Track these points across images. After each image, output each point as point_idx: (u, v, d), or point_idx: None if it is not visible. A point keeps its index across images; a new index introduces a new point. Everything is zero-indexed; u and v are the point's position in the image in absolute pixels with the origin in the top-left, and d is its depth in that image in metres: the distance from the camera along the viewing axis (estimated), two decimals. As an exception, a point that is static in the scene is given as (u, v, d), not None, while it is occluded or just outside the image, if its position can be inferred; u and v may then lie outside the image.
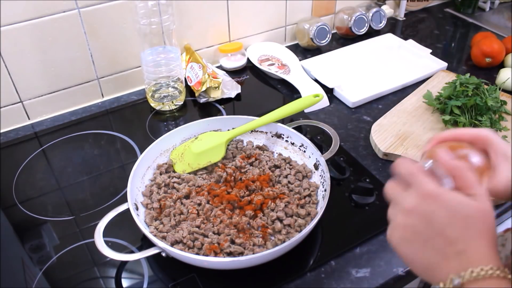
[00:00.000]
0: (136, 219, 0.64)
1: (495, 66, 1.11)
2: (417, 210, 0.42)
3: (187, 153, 0.79)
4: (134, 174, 0.72)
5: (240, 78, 1.10)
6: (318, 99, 0.82)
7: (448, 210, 0.40)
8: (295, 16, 1.21)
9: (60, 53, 0.92)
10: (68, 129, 0.94)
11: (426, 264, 0.41)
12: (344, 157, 0.84)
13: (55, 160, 0.88)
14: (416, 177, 0.43)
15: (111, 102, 1.03)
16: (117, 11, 0.93)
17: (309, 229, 0.63)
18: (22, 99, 0.94)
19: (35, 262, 0.68)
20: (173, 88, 0.98)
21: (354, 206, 0.76)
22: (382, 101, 1.01)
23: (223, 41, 1.14)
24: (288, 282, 0.64)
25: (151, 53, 0.93)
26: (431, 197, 0.41)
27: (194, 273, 0.65)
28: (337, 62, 1.14)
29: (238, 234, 0.66)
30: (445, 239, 0.40)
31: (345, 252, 0.68)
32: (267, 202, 0.70)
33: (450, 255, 0.40)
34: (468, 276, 0.38)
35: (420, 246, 0.42)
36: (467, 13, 1.41)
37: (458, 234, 0.40)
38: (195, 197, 0.72)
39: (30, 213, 0.76)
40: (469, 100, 0.87)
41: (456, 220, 0.40)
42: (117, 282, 0.65)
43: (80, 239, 0.71)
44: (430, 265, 0.41)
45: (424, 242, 0.41)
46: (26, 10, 0.85)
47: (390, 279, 0.65)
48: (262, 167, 0.77)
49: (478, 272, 0.37)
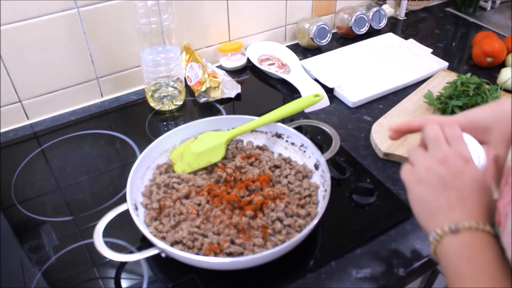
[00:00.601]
0: (136, 219, 0.64)
1: (496, 65, 1.11)
2: (451, 162, 0.50)
3: (187, 153, 0.78)
4: (134, 174, 0.72)
5: (240, 78, 1.09)
6: (318, 99, 0.82)
7: (472, 175, 0.49)
8: (295, 16, 1.21)
9: (59, 53, 0.92)
10: (67, 129, 0.94)
11: (433, 208, 0.49)
12: (345, 157, 0.83)
13: (54, 160, 0.87)
14: (460, 141, 0.51)
15: (111, 102, 1.03)
16: (116, 10, 0.93)
17: (309, 230, 0.62)
18: (21, 99, 0.94)
19: (34, 263, 0.68)
20: (173, 88, 0.98)
21: (355, 206, 0.75)
22: (383, 101, 1.01)
23: (223, 40, 1.13)
24: (289, 283, 0.64)
25: (150, 52, 0.93)
26: (466, 160, 0.50)
27: (193, 274, 0.64)
28: (337, 61, 1.14)
29: (238, 234, 0.65)
30: (460, 194, 0.48)
31: (345, 253, 0.68)
32: (267, 202, 0.69)
33: (457, 207, 0.48)
34: (462, 226, 0.46)
35: (436, 191, 0.49)
36: (468, 13, 1.40)
37: (471, 195, 0.48)
38: (195, 197, 0.72)
39: (29, 214, 0.76)
40: (470, 100, 0.87)
41: (475, 185, 0.48)
42: (116, 282, 0.65)
43: (80, 240, 0.71)
44: (436, 209, 0.49)
45: (442, 189, 0.49)
46: (25, 9, 0.84)
47: (390, 280, 0.65)
48: (262, 167, 0.77)
49: (472, 224, 0.46)
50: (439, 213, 0.49)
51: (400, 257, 0.67)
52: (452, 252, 0.46)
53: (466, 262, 0.45)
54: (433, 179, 0.50)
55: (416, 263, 0.67)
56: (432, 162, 0.51)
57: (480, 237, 0.45)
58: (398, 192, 0.77)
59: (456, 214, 0.47)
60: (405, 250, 0.68)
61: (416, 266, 0.66)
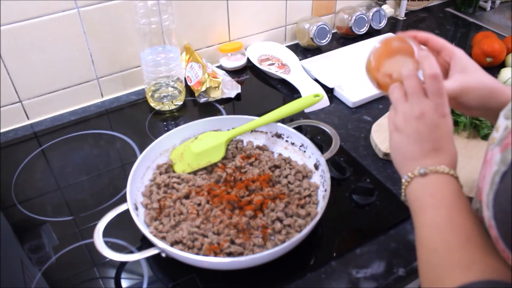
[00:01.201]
0: (136, 219, 0.64)
1: (496, 66, 1.11)
2: (427, 117, 0.53)
3: (187, 153, 0.78)
4: (134, 174, 0.72)
5: (240, 78, 1.09)
6: (318, 99, 0.82)
7: (448, 128, 0.54)
8: (295, 16, 1.21)
9: (59, 53, 0.92)
10: (67, 129, 0.94)
11: (408, 155, 0.54)
12: (344, 157, 0.83)
13: (54, 160, 0.87)
14: (440, 95, 0.53)
15: (111, 102, 1.03)
16: (116, 10, 0.93)
17: (309, 230, 0.62)
18: (21, 99, 0.94)
19: (34, 263, 0.68)
20: (173, 88, 0.98)
21: (355, 206, 0.75)
22: (383, 101, 1.01)
23: (223, 40, 1.13)
24: (289, 283, 0.64)
25: (150, 52, 0.93)
26: (442, 115, 0.53)
27: (194, 274, 0.64)
28: (337, 61, 1.14)
29: (238, 234, 0.65)
30: (434, 145, 0.53)
31: (345, 253, 0.68)
32: (267, 202, 0.69)
33: (430, 156, 0.53)
34: (430, 170, 0.52)
35: (412, 142, 0.54)
36: (468, 13, 1.40)
37: (445, 146, 0.53)
38: (195, 197, 0.72)
39: (29, 214, 0.76)
40: (469, 100, 0.87)
41: (449, 138, 0.54)
42: (116, 282, 0.65)
43: (80, 240, 0.71)
44: (410, 157, 0.54)
45: (417, 141, 0.53)
46: (25, 9, 0.85)
47: (390, 280, 0.65)
48: (262, 167, 0.77)
49: (439, 169, 0.52)
50: (413, 160, 0.54)
51: (400, 257, 0.67)
52: (418, 189, 0.52)
53: (429, 195, 0.51)
54: (410, 131, 0.54)
55: (416, 263, 0.67)
56: (410, 115, 0.54)
57: (445, 178, 0.51)
58: (398, 192, 0.77)
59: (428, 162, 0.53)
60: (405, 250, 0.68)
61: (416, 266, 0.66)
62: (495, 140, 0.47)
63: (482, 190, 0.46)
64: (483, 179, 0.47)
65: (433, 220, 0.50)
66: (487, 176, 0.45)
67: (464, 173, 0.78)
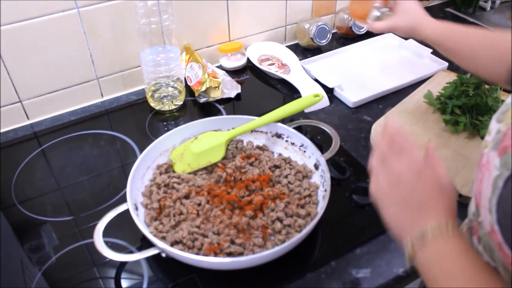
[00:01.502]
0: (136, 219, 0.64)
1: (496, 65, 1.11)
2: (403, 180, 0.51)
3: (187, 153, 0.78)
4: (134, 174, 0.72)
5: (240, 78, 1.09)
6: (318, 99, 0.82)
7: (428, 182, 0.50)
8: (295, 16, 1.21)
9: (59, 53, 0.92)
10: (67, 129, 0.94)
11: (400, 226, 0.51)
12: (345, 157, 0.83)
13: (54, 160, 0.87)
14: (409, 149, 0.52)
15: (111, 102, 1.03)
16: (116, 10, 0.93)
17: (309, 229, 0.62)
18: (21, 99, 0.94)
19: (34, 263, 0.68)
20: (173, 88, 0.98)
21: (355, 206, 0.75)
22: (383, 101, 1.01)
23: (223, 40, 1.13)
24: (289, 283, 0.64)
25: (150, 52, 0.93)
26: (418, 171, 0.50)
27: (194, 274, 0.64)
28: (337, 61, 1.14)
29: (238, 234, 0.65)
30: (420, 206, 0.50)
31: (345, 253, 0.68)
32: (267, 202, 0.69)
33: (421, 217, 0.49)
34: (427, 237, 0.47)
35: (400, 210, 0.51)
36: (468, 13, 1.40)
37: (429, 201, 0.50)
38: (195, 197, 0.72)
39: (29, 214, 0.76)
40: (469, 100, 0.87)
41: (432, 191, 0.50)
42: (116, 282, 0.65)
43: (80, 240, 0.71)
44: (402, 227, 0.51)
45: (403, 207, 0.51)
46: (25, 9, 0.84)
47: (390, 280, 0.65)
48: (262, 167, 0.77)
49: (435, 232, 0.47)
50: (406, 230, 0.50)
51: (400, 257, 0.67)
52: (424, 265, 0.49)
53: (437, 263, 0.48)
54: (392, 201, 0.52)
55: (416, 263, 0.67)
56: (388, 185, 0.52)
57: (445, 242, 0.47)
58: (398, 192, 0.77)
59: (421, 224, 0.49)
60: (405, 250, 0.68)
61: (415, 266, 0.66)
62: (489, 143, 0.47)
63: (480, 194, 0.46)
64: (480, 183, 0.46)
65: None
66: (486, 181, 0.44)
67: (464, 173, 0.78)
